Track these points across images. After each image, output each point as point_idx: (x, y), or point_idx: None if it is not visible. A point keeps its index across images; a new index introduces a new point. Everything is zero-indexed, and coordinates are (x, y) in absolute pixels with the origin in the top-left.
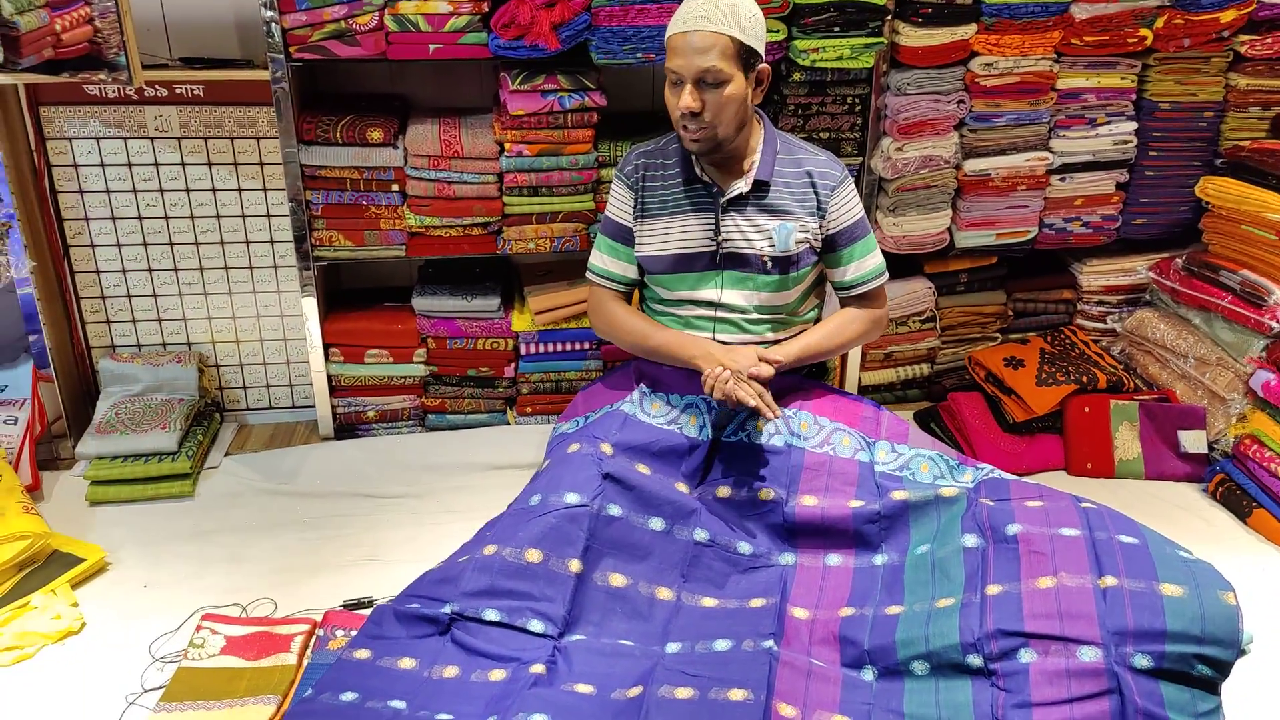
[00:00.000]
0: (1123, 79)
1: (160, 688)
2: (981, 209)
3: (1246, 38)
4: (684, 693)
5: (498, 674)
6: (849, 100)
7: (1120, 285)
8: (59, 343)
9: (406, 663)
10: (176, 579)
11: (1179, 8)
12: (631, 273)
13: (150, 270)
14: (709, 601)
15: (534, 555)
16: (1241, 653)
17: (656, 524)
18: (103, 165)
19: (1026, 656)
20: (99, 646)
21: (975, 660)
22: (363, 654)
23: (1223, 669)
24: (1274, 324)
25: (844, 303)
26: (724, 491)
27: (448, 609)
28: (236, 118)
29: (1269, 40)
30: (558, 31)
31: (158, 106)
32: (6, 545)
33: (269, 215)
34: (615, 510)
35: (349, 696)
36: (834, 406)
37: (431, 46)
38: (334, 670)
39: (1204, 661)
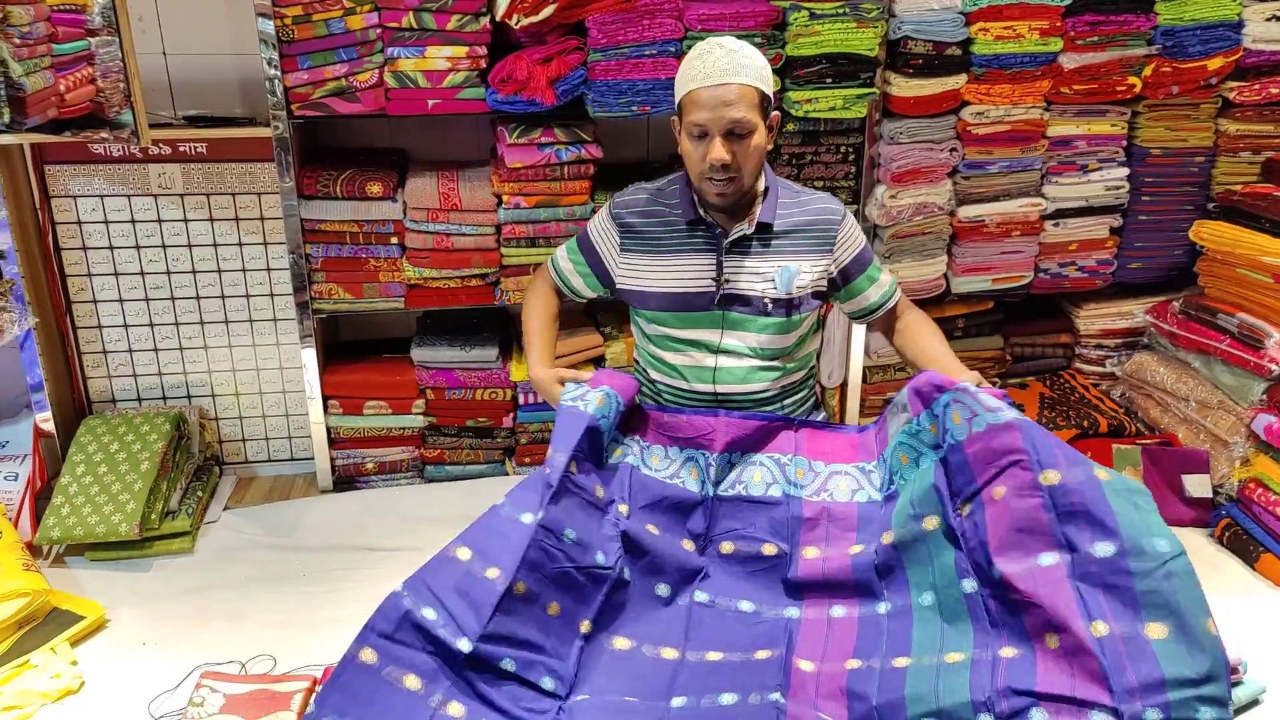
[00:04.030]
0: (1113, 126)
1: None
2: (977, 254)
3: (1234, 84)
4: None
5: None
6: (843, 149)
7: (1118, 329)
8: (60, 398)
9: (412, 682)
10: (176, 635)
11: (1167, 56)
12: (580, 287)
13: (152, 325)
14: (714, 655)
15: (555, 609)
16: (1255, 703)
17: (662, 590)
18: (106, 222)
19: (1038, 717)
20: (98, 706)
21: (986, 719)
22: (369, 656)
23: (1223, 704)
24: (1273, 366)
25: (876, 325)
26: (727, 548)
27: (464, 645)
28: (239, 174)
29: (1256, 86)
30: (554, 86)
31: (161, 164)
32: (6, 602)
33: (269, 269)
34: (627, 575)
35: None
36: (829, 446)
37: (430, 102)
38: (340, 676)
39: (1204, 702)
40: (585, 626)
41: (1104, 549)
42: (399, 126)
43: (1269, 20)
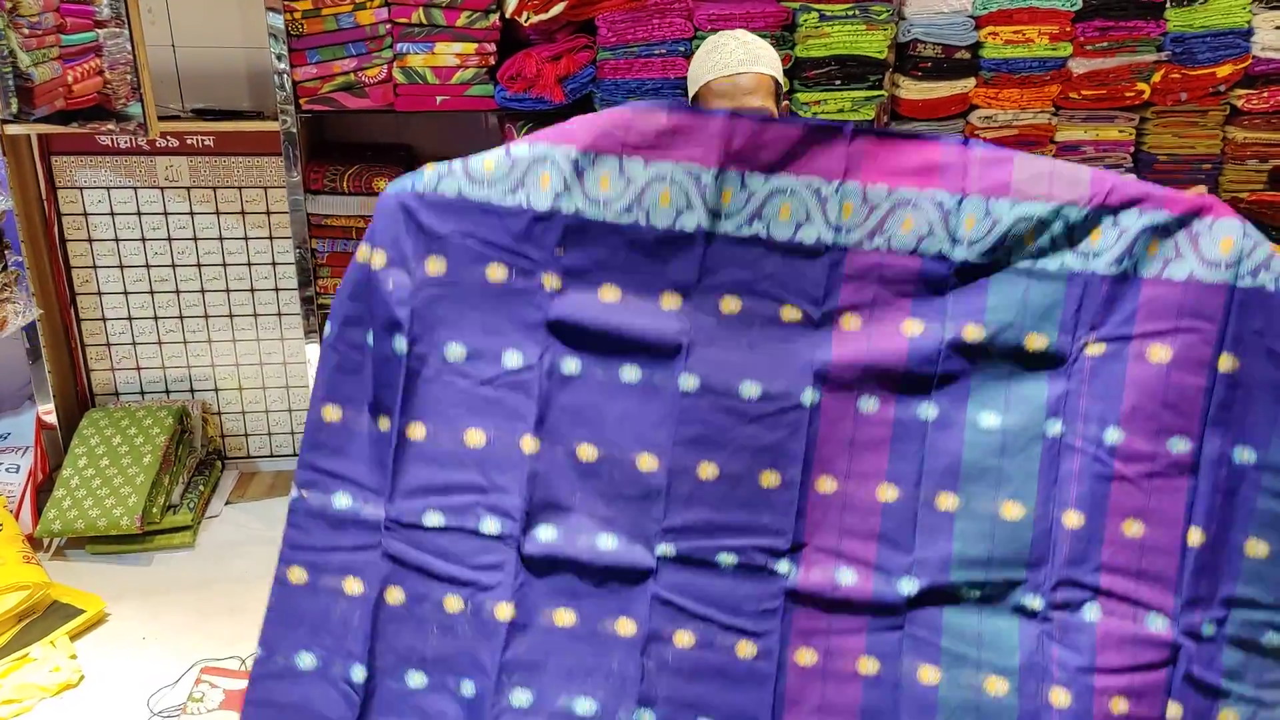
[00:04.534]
0: (1121, 132)
1: None
2: None
3: (1243, 92)
4: (685, 639)
5: (453, 603)
6: None
7: None
8: (63, 390)
9: (353, 585)
10: (176, 630)
11: (1176, 63)
12: None
13: (156, 318)
14: (707, 470)
15: (475, 437)
16: None
17: (630, 374)
18: (112, 214)
19: (1092, 614)
20: (97, 700)
21: (1034, 603)
22: (298, 575)
23: None
24: None
25: None
26: (730, 305)
27: (385, 510)
28: (245, 167)
29: (1265, 94)
30: (563, 84)
31: (168, 157)
32: (6, 595)
33: (274, 263)
34: (571, 366)
35: (307, 662)
36: (898, 160)
37: (439, 98)
38: (276, 606)
39: (1273, 627)
40: (529, 443)
41: (1243, 455)
42: (406, 123)
43: (1278, 29)
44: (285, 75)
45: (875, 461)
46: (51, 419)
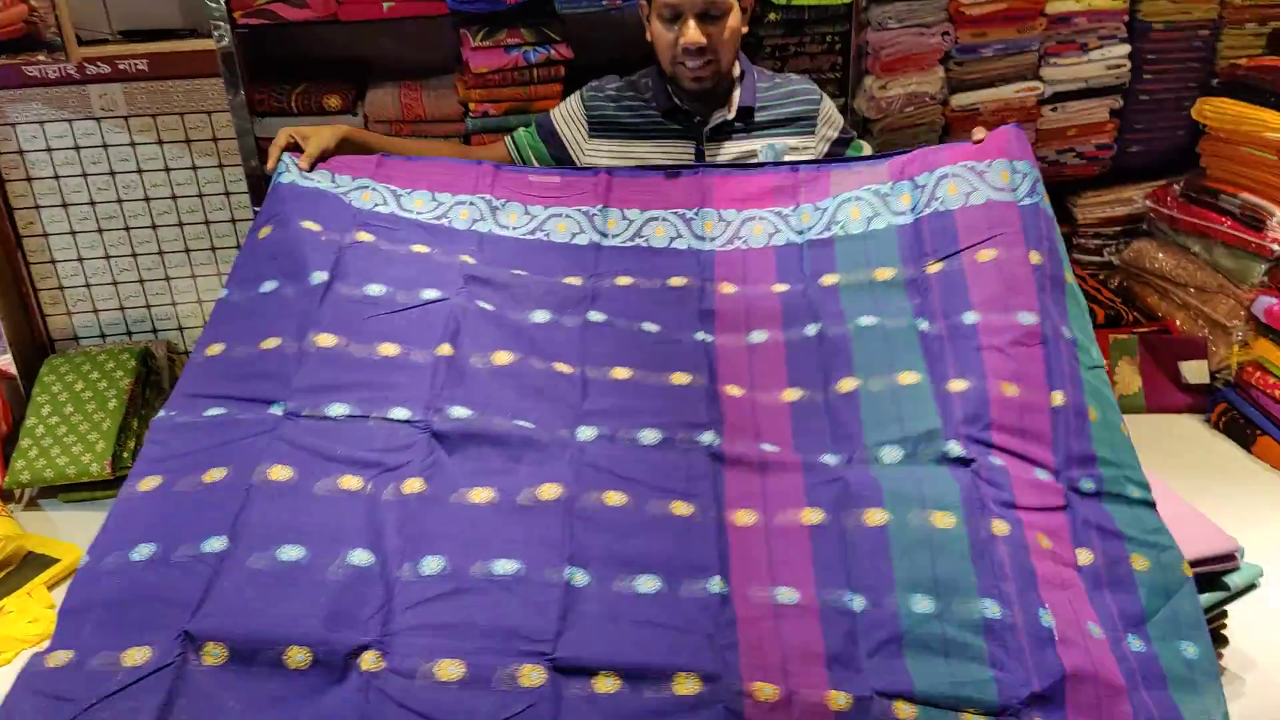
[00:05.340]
0: (1114, 0)
1: None
2: None
3: None
4: (616, 498)
5: (351, 481)
6: (828, 39)
7: (1117, 216)
8: (18, 338)
9: (215, 474)
10: None
11: None
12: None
13: (108, 257)
14: (621, 372)
15: (389, 349)
16: (1252, 587)
17: (540, 315)
18: (49, 150)
19: (998, 461)
20: None
21: (956, 449)
22: (149, 483)
23: (1147, 488)
24: (1275, 246)
25: None
26: (624, 280)
27: (276, 409)
28: (185, 91)
29: None
30: None
31: (101, 85)
32: None
33: (228, 193)
34: (486, 305)
35: (144, 552)
36: (743, 190)
37: (385, 4)
38: (114, 512)
39: (1132, 482)
40: (444, 349)
41: (1068, 332)
42: (357, 35)
43: None
44: None
45: (775, 375)
46: (11, 368)
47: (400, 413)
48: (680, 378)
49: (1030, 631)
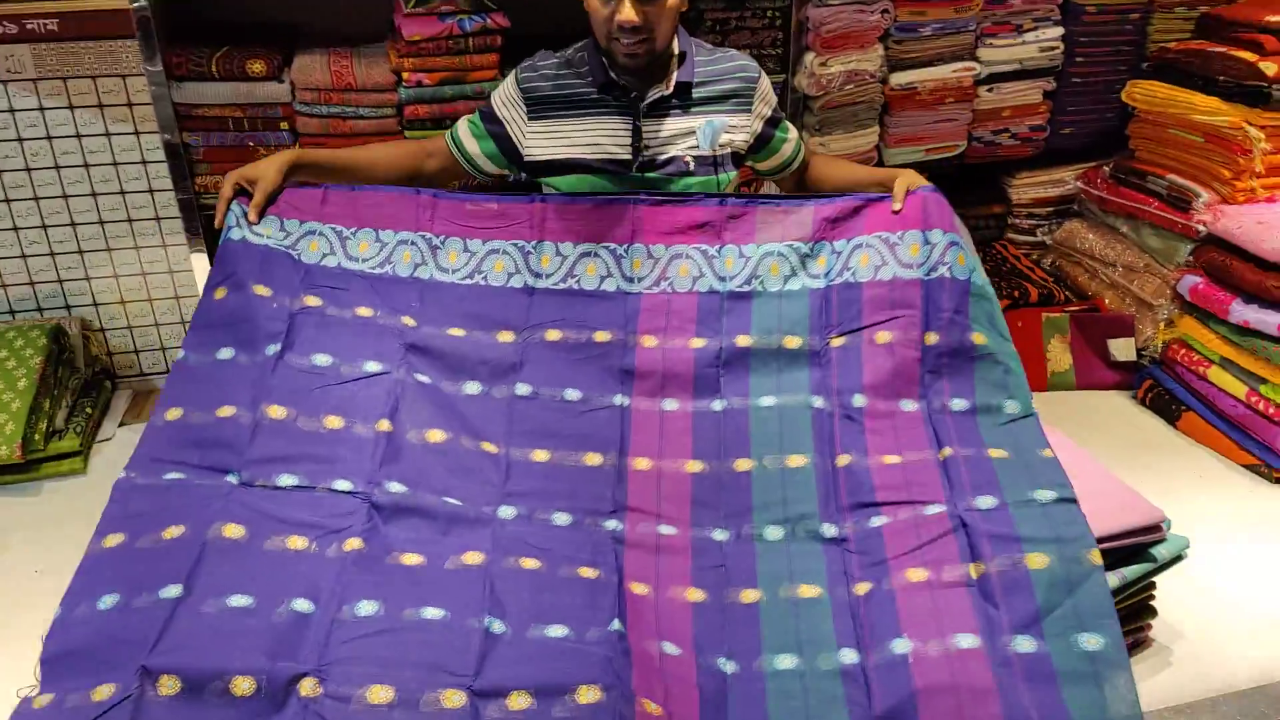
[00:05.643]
0: None
1: None
2: (910, 124)
3: None
4: (530, 563)
5: (297, 541)
6: (769, 14)
7: (1049, 196)
8: None
9: (173, 531)
10: (70, 563)
11: None
12: (482, 161)
13: (16, 228)
14: (541, 455)
15: (334, 422)
16: (1178, 558)
17: (472, 388)
18: None
19: (878, 520)
20: None
21: (831, 530)
22: (113, 540)
23: (1067, 486)
24: (1200, 227)
25: (788, 183)
26: (553, 335)
27: (232, 478)
28: (97, 54)
29: None
30: None
31: (7, 45)
32: None
33: (144, 161)
34: (424, 378)
35: (109, 602)
36: (671, 221)
37: None
38: (83, 568)
39: (1043, 486)
40: (384, 425)
41: (958, 404)
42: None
43: None
44: None
45: (681, 446)
46: None
47: (343, 484)
48: (593, 459)
49: (881, 662)
